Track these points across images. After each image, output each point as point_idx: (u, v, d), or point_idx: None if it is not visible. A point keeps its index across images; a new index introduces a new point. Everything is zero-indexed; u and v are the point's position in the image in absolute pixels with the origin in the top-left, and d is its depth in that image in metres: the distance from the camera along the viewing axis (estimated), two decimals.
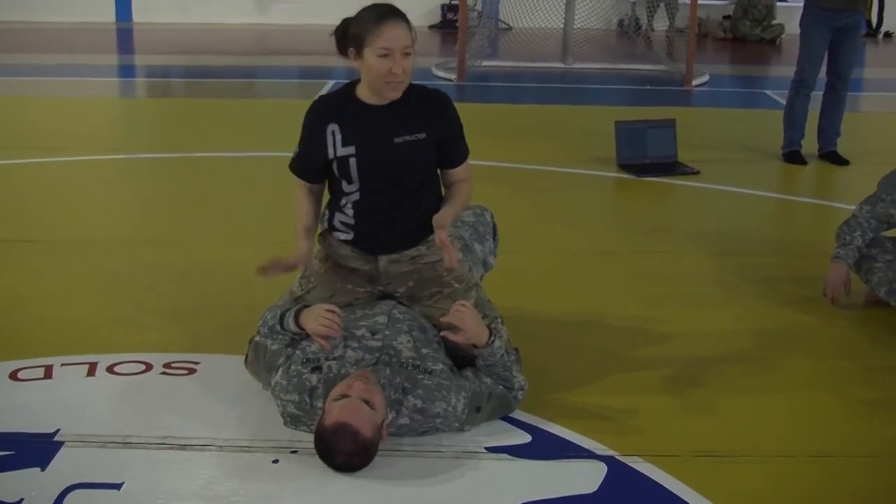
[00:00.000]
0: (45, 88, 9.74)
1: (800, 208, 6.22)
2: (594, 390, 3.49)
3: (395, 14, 3.17)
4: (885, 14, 15.22)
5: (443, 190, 3.45)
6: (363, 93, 3.29)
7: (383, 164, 3.28)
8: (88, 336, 3.83)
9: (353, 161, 3.28)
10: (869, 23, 14.53)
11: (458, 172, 3.43)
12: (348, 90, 3.33)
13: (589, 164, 6.74)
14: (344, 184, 3.33)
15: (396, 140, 3.26)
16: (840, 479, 3.01)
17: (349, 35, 3.20)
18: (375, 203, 3.33)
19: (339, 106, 3.32)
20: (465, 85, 10.27)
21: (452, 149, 3.40)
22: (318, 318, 3.14)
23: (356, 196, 3.33)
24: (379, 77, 3.16)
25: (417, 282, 3.41)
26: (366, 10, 3.20)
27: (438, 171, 3.43)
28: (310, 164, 3.38)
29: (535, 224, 5.44)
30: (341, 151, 3.28)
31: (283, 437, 3.09)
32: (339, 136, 3.28)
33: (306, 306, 3.26)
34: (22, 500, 2.75)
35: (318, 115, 3.34)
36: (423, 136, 3.29)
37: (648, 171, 6.57)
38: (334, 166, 3.30)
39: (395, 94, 3.22)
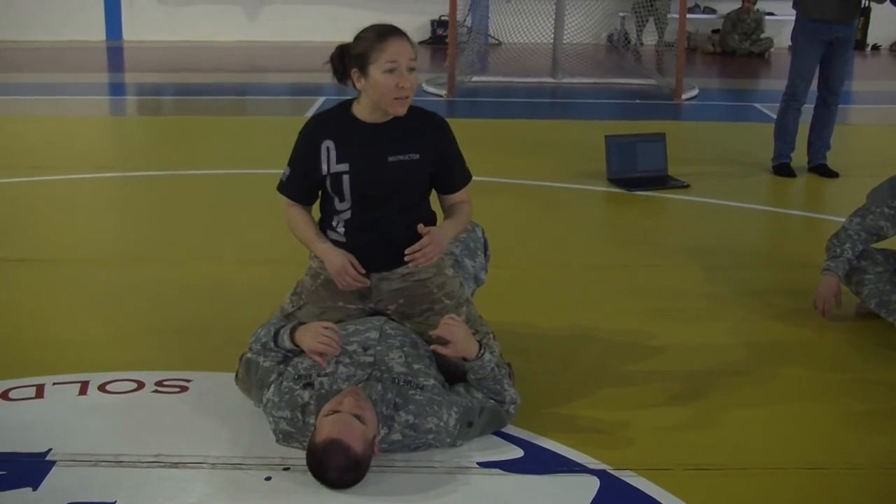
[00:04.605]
0: (36, 107, 9.73)
1: (790, 221, 6.24)
2: (586, 404, 3.50)
3: (397, 30, 3.22)
4: (874, 27, 15.29)
5: (443, 213, 3.45)
6: (360, 111, 3.30)
7: (376, 182, 3.29)
8: (80, 355, 3.82)
9: (346, 178, 3.29)
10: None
11: (456, 196, 3.45)
12: (344, 108, 3.34)
13: (579, 179, 6.76)
14: (336, 201, 3.34)
15: (390, 159, 3.27)
16: (832, 491, 3.02)
17: (350, 57, 3.22)
18: (366, 221, 3.34)
19: (335, 123, 3.33)
20: (455, 100, 10.29)
21: (449, 173, 3.41)
22: (317, 336, 3.14)
23: (347, 214, 3.34)
24: (387, 93, 3.17)
25: (408, 299, 3.41)
26: (365, 31, 3.23)
27: (436, 194, 3.45)
28: (301, 183, 3.38)
29: (526, 239, 5.45)
30: (335, 168, 3.29)
31: (276, 454, 3.08)
32: (333, 153, 3.29)
33: (301, 323, 3.26)
34: None
35: (314, 132, 3.35)
36: (416, 156, 3.30)
37: (639, 184, 6.58)
38: (327, 183, 3.31)
39: (402, 110, 3.24)
